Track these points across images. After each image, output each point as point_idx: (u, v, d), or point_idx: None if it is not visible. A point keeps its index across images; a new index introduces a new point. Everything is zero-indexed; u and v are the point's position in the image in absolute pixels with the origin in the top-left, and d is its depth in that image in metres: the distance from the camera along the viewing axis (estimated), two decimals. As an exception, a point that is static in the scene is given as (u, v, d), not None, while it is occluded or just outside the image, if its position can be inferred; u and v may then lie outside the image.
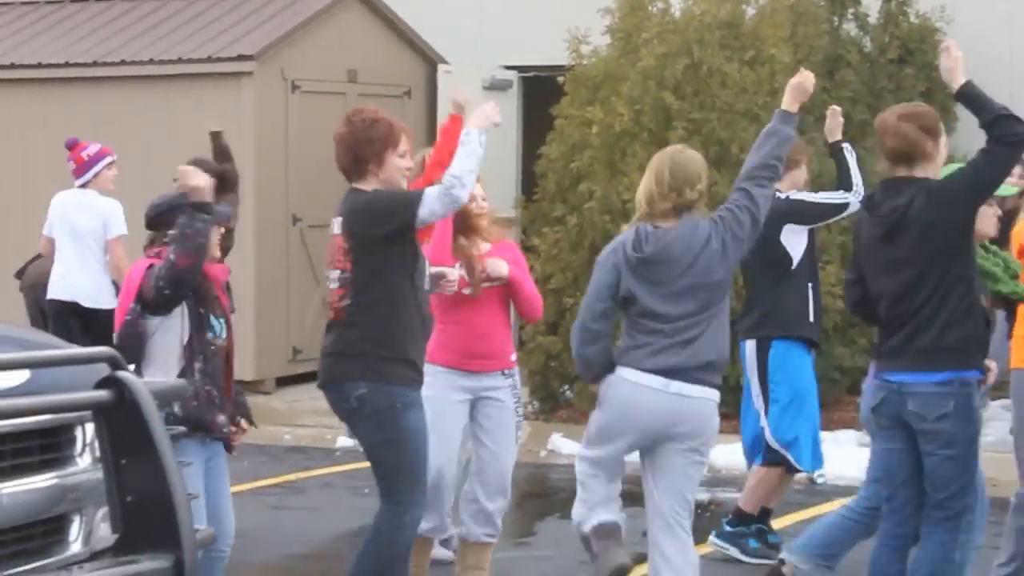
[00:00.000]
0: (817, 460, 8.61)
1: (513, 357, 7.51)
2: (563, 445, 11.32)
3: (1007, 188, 6.64)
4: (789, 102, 6.34)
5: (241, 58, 13.53)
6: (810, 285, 8.32)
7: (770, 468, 8.34)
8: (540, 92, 15.37)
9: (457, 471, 7.44)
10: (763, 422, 8.44)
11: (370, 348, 6.44)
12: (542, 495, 8.52)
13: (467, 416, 7.49)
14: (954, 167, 6.88)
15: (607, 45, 13.04)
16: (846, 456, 10.16)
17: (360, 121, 6.50)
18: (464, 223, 7.18)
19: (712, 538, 8.27)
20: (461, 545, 7.32)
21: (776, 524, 8.99)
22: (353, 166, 6.48)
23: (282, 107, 13.71)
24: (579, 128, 12.59)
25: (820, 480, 10.43)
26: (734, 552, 8.12)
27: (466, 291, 7.11)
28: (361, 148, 6.46)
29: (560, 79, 13.04)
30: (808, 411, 8.45)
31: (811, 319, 8.26)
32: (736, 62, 12.46)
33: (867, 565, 6.58)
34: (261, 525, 8.87)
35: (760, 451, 8.41)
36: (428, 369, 6.91)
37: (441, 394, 7.00)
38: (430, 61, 15.14)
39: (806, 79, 6.46)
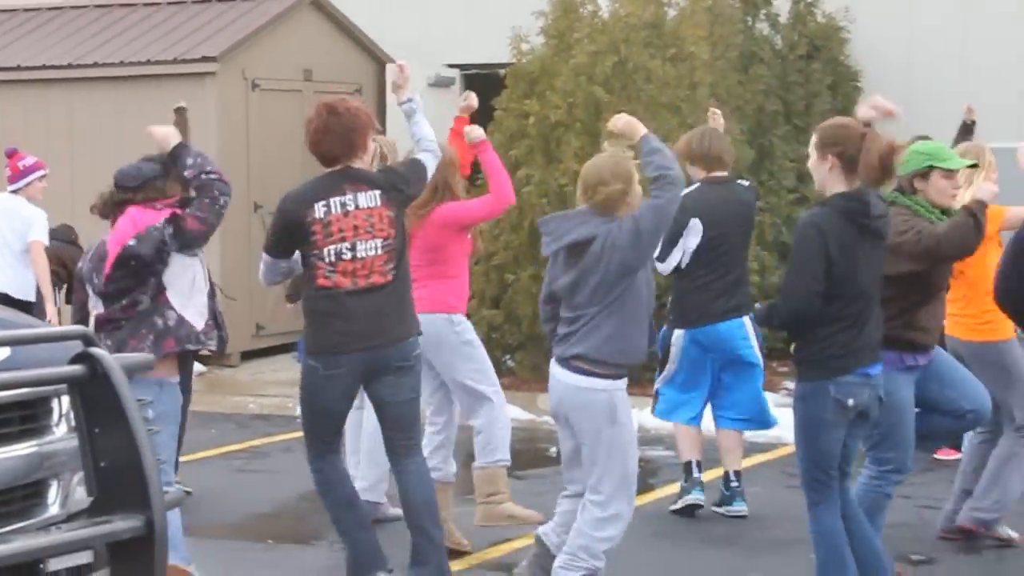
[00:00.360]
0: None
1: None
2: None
3: (959, 161, 6.65)
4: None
5: (205, 59, 13.47)
6: None
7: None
8: (480, 88, 14.98)
9: None
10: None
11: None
12: None
13: None
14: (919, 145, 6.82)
15: (542, 44, 12.97)
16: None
17: (346, 111, 6.47)
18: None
19: (723, 507, 8.09)
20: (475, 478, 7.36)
21: (706, 477, 8.81)
22: (347, 150, 6.44)
23: (243, 104, 13.64)
24: (517, 120, 12.54)
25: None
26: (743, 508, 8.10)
27: None
28: (354, 134, 6.43)
29: (500, 74, 12.95)
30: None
31: None
32: (659, 59, 12.43)
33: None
34: (228, 487, 8.84)
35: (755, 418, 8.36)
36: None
37: None
38: (379, 60, 15.10)
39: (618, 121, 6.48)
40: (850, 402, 5.87)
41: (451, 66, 16.26)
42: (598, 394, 6.14)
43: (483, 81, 14.94)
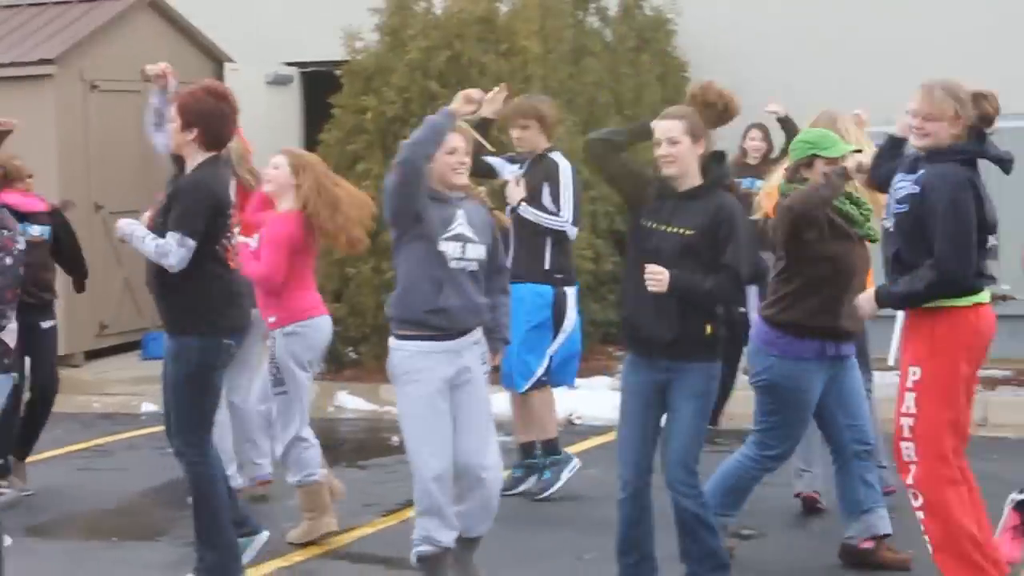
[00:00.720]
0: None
1: (271, 319, 7.47)
2: (348, 401, 11.28)
3: (842, 148, 6.61)
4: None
5: (43, 62, 13.27)
6: None
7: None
8: (318, 85, 15.24)
9: None
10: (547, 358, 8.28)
11: None
12: (329, 447, 8.36)
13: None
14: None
15: (377, 41, 12.96)
16: (600, 399, 10.22)
17: (231, 95, 6.54)
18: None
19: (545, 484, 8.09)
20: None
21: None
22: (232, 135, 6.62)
23: (82, 105, 13.45)
24: (354, 116, 12.49)
25: (578, 421, 10.42)
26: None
27: None
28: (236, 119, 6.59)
29: (337, 73, 12.93)
30: None
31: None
32: (492, 54, 12.43)
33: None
34: (73, 486, 8.70)
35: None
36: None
37: None
38: (217, 60, 15.01)
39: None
40: None
41: (289, 64, 16.13)
42: None
43: (321, 79, 15.02)
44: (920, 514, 5.88)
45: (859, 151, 6.69)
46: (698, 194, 5.95)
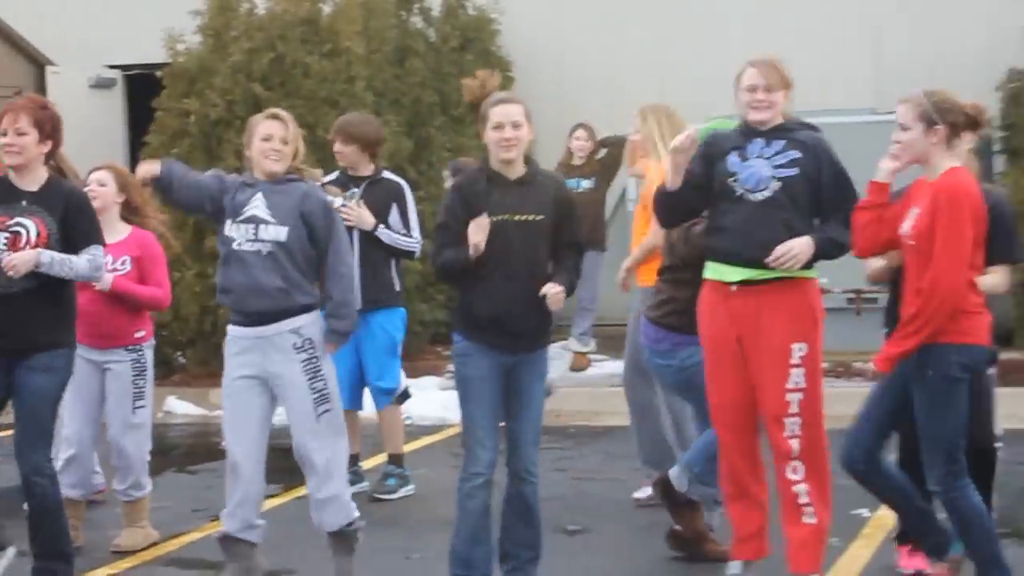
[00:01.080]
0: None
1: (139, 334, 7.48)
2: (177, 406, 11.24)
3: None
4: None
5: None
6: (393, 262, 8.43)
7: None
8: (142, 88, 15.04)
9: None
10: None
11: None
12: (159, 452, 8.48)
13: (100, 384, 7.55)
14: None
15: (200, 43, 12.84)
16: (430, 399, 10.36)
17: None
18: None
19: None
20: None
21: (372, 463, 8.97)
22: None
23: None
24: (178, 119, 12.41)
25: (407, 421, 10.50)
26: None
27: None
28: None
29: (159, 75, 12.79)
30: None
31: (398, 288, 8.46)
32: (316, 55, 12.45)
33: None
34: None
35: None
36: None
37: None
38: (38, 63, 14.82)
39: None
40: None
41: (112, 67, 15.94)
42: None
43: (144, 82, 14.74)
44: (804, 486, 5.99)
45: None
46: (529, 179, 6.04)
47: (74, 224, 6.30)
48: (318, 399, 6.39)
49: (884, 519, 7.24)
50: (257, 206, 6.35)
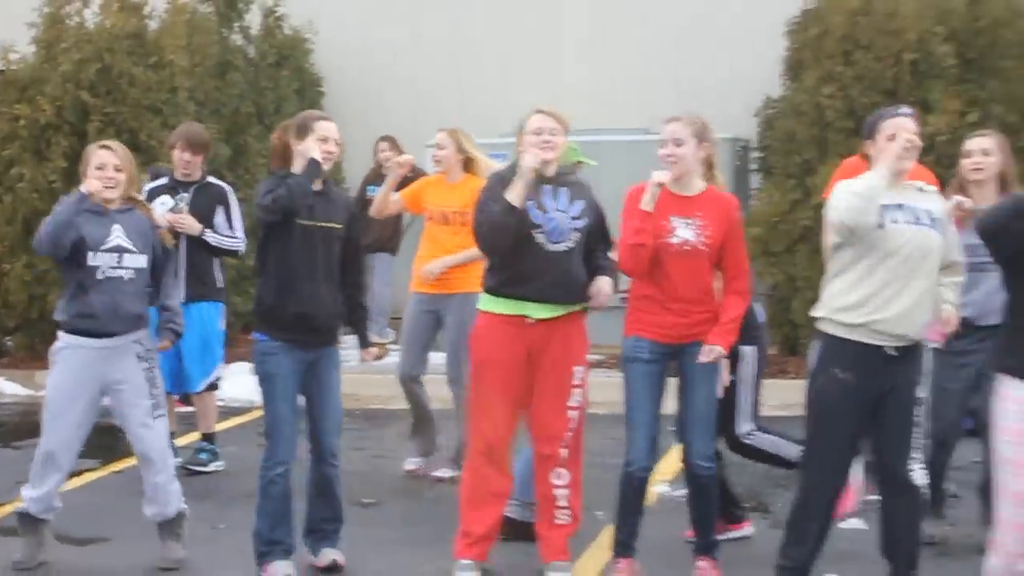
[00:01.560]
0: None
1: None
2: (5, 387, 11.29)
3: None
4: None
5: None
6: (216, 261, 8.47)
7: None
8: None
9: None
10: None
11: None
12: None
13: None
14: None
15: (33, 53, 12.83)
16: (241, 383, 10.52)
17: None
18: None
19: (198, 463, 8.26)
20: None
21: (187, 440, 9.03)
22: None
23: None
24: (9, 123, 12.42)
25: (219, 403, 10.19)
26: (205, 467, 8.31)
27: None
28: None
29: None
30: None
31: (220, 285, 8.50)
32: (142, 66, 12.51)
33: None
34: None
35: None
36: None
37: None
38: None
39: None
40: None
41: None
42: None
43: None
44: (564, 491, 6.13)
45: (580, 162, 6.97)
46: (325, 191, 6.21)
47: None
48: (155, 404, 6.46)
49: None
50: (119, 236, 6.32)
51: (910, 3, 11.81)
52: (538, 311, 6.02)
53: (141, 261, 6.32)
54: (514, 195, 5.88)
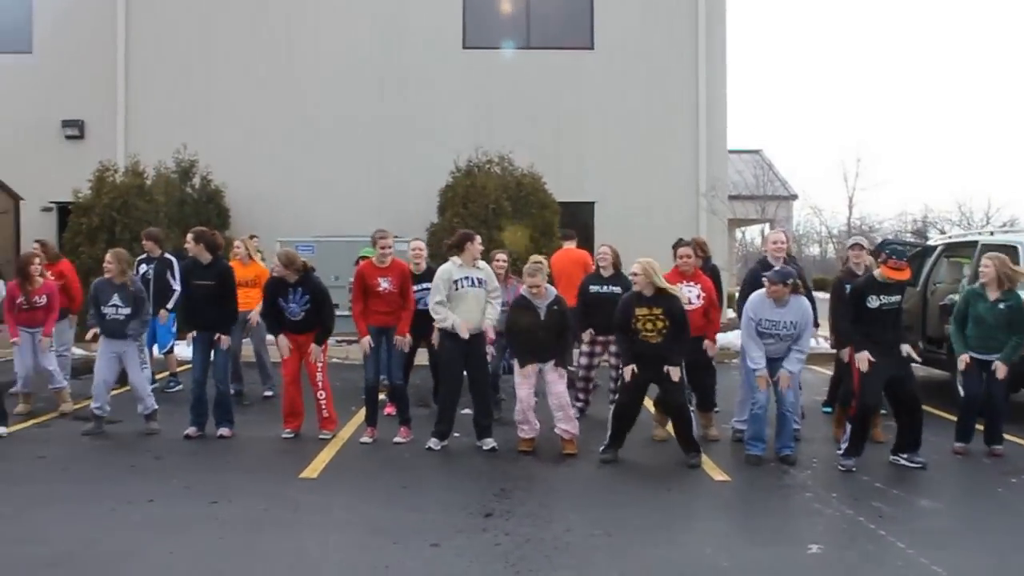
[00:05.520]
0: None
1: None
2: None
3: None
4: None
5: None
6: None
7: None
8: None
9: None
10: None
11: None
12: None
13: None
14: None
15: (89, 193, 16.73)
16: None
17: None
18: None
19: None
20: None
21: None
22: None
23: None
24: (76, 225, 16.32)
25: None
26: None
27: None
28: None
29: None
30: None
31: None
32: (142, 201, 16.36)
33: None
34: None
35: None
36: None
37: None
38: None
39: None
40: None
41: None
42: None
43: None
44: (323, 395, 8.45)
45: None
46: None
47: None
48: (142, 361, 8.95)
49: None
50: (116, 298, 8.76)
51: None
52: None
53: (127, 311, 9.01)
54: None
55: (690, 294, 8.87)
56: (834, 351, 9.23)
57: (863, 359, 7.91)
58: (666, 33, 19.81)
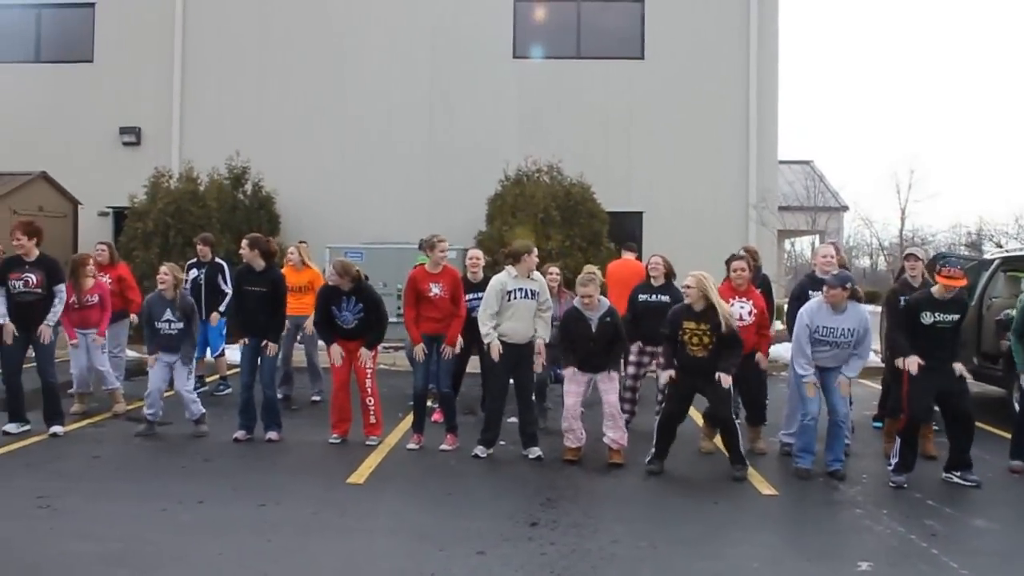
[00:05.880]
0: None
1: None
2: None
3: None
4: None
5: None
6: None
7: None
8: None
9: None
10: None
11: None
12: None
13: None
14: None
15: (144, 199, 17.16)
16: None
17: None
18: None
19: None
20: None
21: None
22: None
23: (7, 221, 15.23)
24: (132, 230, 16.70)
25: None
26: None
27: None
28: None
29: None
30: None
31: None
32: (195, 207, 16.58)
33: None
34: None
35: None
36: None
37: None
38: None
39: None
40: None
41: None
42: None
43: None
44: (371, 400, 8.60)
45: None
46: None
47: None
48: (188, 369, 9.14)
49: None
50: (169, 313, 9.08)
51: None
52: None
53: (179, 325, 9.33)
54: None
55: (742, 311, 8.88)
56: (883, 365, 9.10)
57: (912, 362, 7.79)
58: (717, 43, 19.82)
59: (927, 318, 7.95)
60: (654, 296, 9.55)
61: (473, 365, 10.08)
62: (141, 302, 9.98)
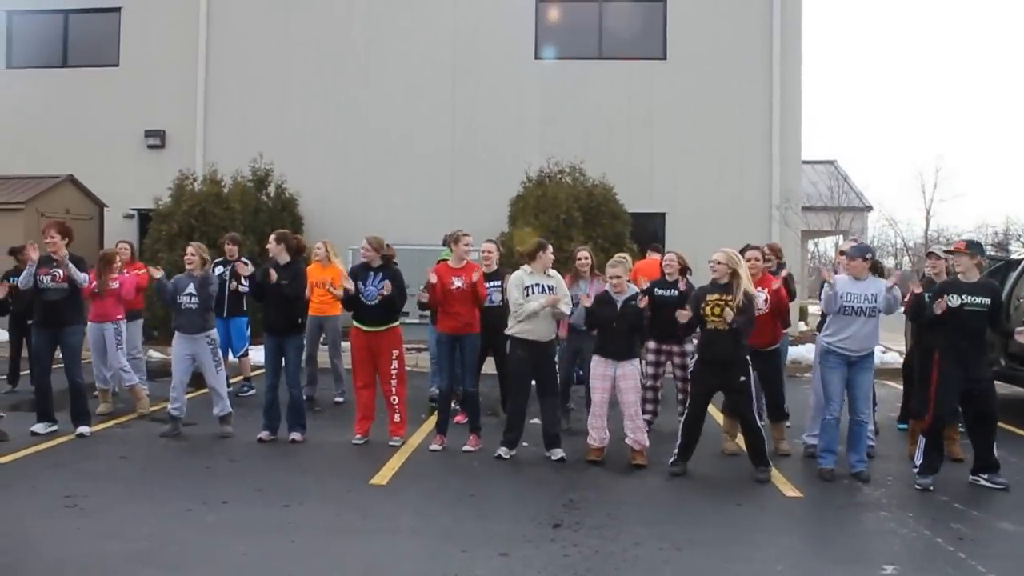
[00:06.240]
0: None
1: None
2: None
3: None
4: None
5: (18, 203, 16.44)
6: None
7: None
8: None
9: None
10: None
11: None
12: None
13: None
14: None
15: (169, 201, 17.15)
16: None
17: None
18: None
19: None
20: None
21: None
22: None
23: (37, 224, 16.31)
24: (157, 232, 16.69)
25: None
26: None
27: None
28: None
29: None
30: None
31: None
32: (219, 209, 16.59)
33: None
34: None
35: None
36: None
37: None
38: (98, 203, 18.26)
39: None
40: None
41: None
42: None
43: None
44: (396, 397, 8.71)
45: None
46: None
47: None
48: (216, 363, 9.13)
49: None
50: (190, 287, 9.02)
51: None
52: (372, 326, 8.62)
53: (198, 300, 9.27)
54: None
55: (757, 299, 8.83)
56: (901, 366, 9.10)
57: (940, 304, 7.79)
58: (740, 44, 19.78)
59: (954, 300, 7.88)
60: (668, 291, 9.68)
61: (488, 367, 10.18)
62: (143, 304, 10.60)
